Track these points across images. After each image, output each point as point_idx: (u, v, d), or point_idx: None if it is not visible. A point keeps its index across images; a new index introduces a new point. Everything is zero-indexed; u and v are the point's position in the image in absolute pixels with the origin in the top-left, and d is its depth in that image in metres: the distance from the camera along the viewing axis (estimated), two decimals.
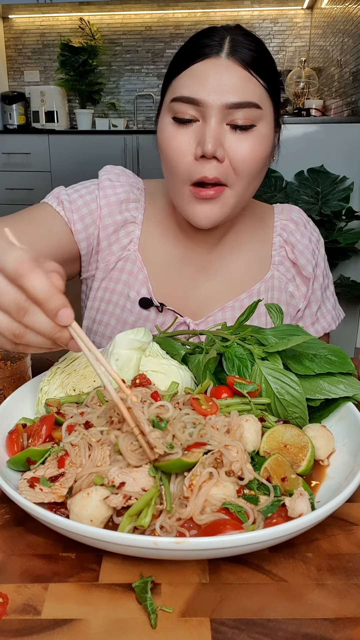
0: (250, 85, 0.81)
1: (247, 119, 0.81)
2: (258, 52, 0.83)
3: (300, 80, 4.08)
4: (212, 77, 0.80)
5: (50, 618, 0.47)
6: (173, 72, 0.85)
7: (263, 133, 0.84)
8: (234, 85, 0.80)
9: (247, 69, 0.81)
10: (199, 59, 0.81)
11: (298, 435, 0.64)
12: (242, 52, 0.81)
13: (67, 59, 4.76)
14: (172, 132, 0.83)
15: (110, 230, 0.97)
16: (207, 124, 0.81)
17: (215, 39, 0.81)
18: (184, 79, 0.82)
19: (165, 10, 4.78)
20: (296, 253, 1.03)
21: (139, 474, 0.55)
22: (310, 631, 0.46)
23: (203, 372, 0.73)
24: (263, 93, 0.83)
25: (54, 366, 0.76)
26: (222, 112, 0.80)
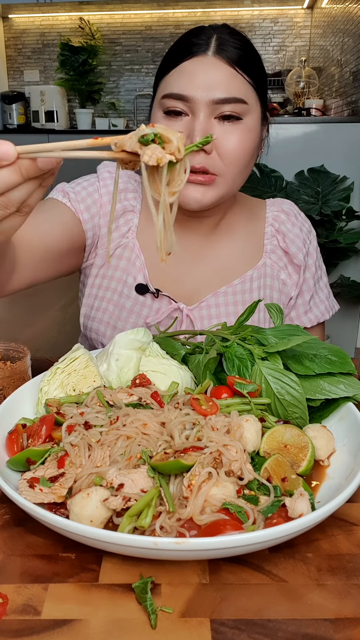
0: (236, 81, 0.86)
1: (234, 112, 0.86)
2: (244, 50, 0.87)
3: (300, 80, 4.08)
4: (200, 75, 0.85)
5: (50, 618, 0.47)
6: (163, 70, 0.90)
7: (250, 126, 0.88)
8: (220, 81, 0.84)
9: (232, 66, 0.85)
10: (187, 57, 0.86)
11: (298, 435, 0.64)
12: (228, 50, 0.85)
13: (67, 58, 4.76)
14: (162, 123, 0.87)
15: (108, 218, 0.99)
16: (195, 117, 0.85)
17: (202, 38, 0.86)
18: (174, 76, 0.87)
19: (165, 10, 4.77)
20: (287, 242, 1.06)
21: (137, 475, 0.55)
22: (310, 631, 0.46)
23: (203, 372, 0.73)
24: (249, 89, 0.87)
25: (54, 366, 0.76)
26: (210, 107, 0.85)
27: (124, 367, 0.76)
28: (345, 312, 2.78)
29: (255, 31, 4.76)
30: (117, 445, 0.60)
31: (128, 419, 0.63)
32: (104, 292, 1.04)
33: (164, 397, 0.69)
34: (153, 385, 0.73)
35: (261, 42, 4.78)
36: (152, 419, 0.63)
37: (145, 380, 0.73)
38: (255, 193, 2.69)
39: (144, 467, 0.57)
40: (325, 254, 2.66)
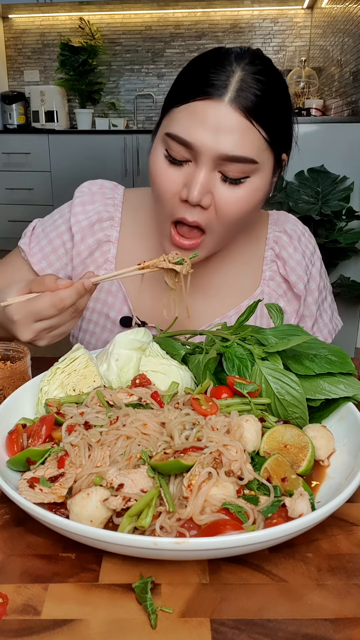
0: (249, 136, 0.77)
1: (241, 172, 0.79)
2: (265, 94, 0.77)
3: (300, 80, 4.08)
4: (210, 121, 0.76)
5: (50, 618, 0.47)
6: (174, 98, 0.81)
7: (256, 185, 0.81)
8: (231, 135, 0.76)
9: (248, 118, 0.76)
10: (200, 98, 0.77)
11: (298, 435, 0.64)
12: (246, 97, 0.76)
13: (67, 58, 4.76)
14: (163, 168, 0.82)
15: (84, 255, 0.99)
16: (197, 169, 0.78)
17: (222, 77, 0.76)
18: (182, 114, 0.78)
19: (165, 10, 4.78)
20: (287, 269, 0.99)
21: (137, 475, 0.55)
22: (310, 631, 0.46)
23: (203, 372, 0.73)
24: (262, 144, 0.79)
25: (54, 366, 0.76)
26: (215, 161, 0.78)
27: (124, 367, 0.76)
28: (345, 312, 2.78)
29: (255, 31, 4.77)
30: (117, 445, 0.60)
31: (128, 419, 0.63)
32: (87, 324, 1.02)
33: (164, 397, 0.69)
34: (153, 385, 0.73)
35: (261, 42, 4.79)
36: (152, 419, 0.63)
37: (145, 380, 0.73)
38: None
39: (143, 467, 0.57)
40: (325, 254, 2.66)
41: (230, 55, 0.80)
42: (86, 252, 0.98)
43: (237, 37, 4.80)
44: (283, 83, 0.83)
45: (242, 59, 0.79)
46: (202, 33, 4.83)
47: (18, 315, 0.76)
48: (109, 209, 1.00)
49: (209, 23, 4.81)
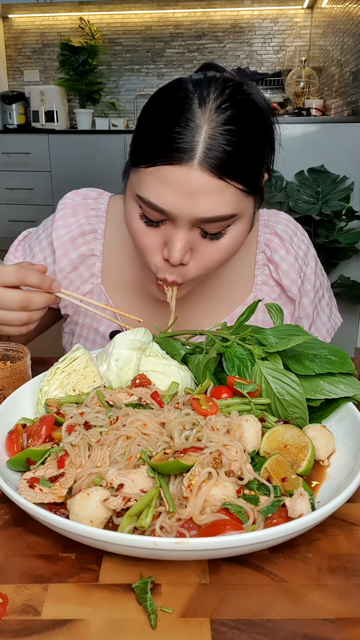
0: (225, 195, 0.73)
1: (220, 227, 0.76)
2: (238, 148, 0.72)
3: (300, 80, 4.08)
4: (182, 186, 0.71)
5: (50, 618, 0.47)
6: (139, 156, 0.76)
7: (237, 232, 0.79)
8: (205, 197, 0.72)
9: (221, 177, 0.71)
10: (167, 162, 0.71)
11: (298, 435, 0.64)
12: (216, 157, 0.70)
13: (67, 58, 4.76)
14: (141, 229, 0.79)
15: (68, 270, 0.98)
16: (175, 230, 0.76)
17: (188, 138, 0.70)
18: (150, 178, 0.74)
19: (165, 10, 4.77)
20: (280, 273, 0.97)
21: (137, 475, 0.55)
22: (310, 632, 0.46)
23: (203, 372, 0.73)
24: (240, 195, 0.75)
25: (53, 366, 0.76)
26: (192, 222, 0.75)
27: (124, 367, 0.76)
28: (346, 312, 2.78)
29: (255, 31, 4.76)
30: (117, 445, 0.60)
31: (128, 419, 0.63)
32: (77, 339, 1.02)
33: (164, 397, 0.69)
34: (153, 385, 0.73)
35: (261, 42, 4.78)
36: (152, 419, 0.63)
37: (145, 380, 0.73)
38: None
39: (143, 467, 0.57)
40: (325, 254, 2.68)
41: (193, 105, 0.72)
42: (69, 267, 0.97)
43: (237, 37, 4.80)
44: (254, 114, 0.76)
45: (207, 105, 0.72)
46: (202, 33, 4.83)
47: None
48: (91, 221, 0.98)
49: (209, 23, 4.80)
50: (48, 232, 0.99)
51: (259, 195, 0.82)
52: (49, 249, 0.99)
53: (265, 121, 0.80)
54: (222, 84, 0.75)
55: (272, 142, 0.85)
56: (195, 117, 0.71)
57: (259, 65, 4.83)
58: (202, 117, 0.71)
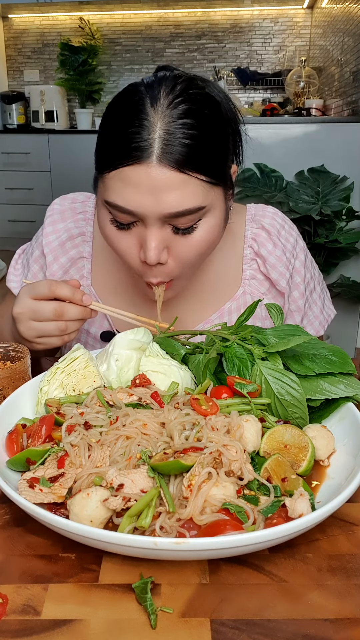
0: (189, 187, 0.73)
1: (191, 221, 0.76)
2: (197, 139, 0.72)
3: (300, 80, 4.08)
4: (144, 184, 0.72)
5: (50, 618, 0.47)
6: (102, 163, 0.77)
7: (210, 224, 0.79)
8: (169, 192, 0.72)
9: (182, 171, 0.71)
10: (127, 163, 0.72)
11: (298, 435, 0.64)
12: (174, 151, 0.71)
13: (67, 58, 4.76)
14: (114, 234, 0.80)
15: (59, 275, 0.99)
16: (147, 230, 0.76)
17: (144, 136, 0.71)
18: (114, 181, 0.74)
19: (165, 10, 4.77)
20: (268, 267, 0.97)
21: (137, 475, 0.55)
22: (310, 632, 0.46)
23: (203, 372, 0.73)
24: (205, 187, 0.75)
25: (53, 366, 0.76)
26: (161, 220, 0.75)
27: (124, 367, 0.76)
28: (345, 312, 2.78)
29: (255, 31, 4.76)
30: (117, 445, 0.60)
31: (128, 419, 0.63)
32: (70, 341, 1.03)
33: (164, 397, 0.69)
34: (153, 385, 0.73)
35: (261, 41, 4.78)
36: (152, 419, 0.63)
37: (145, 380, 0.73)
38: (255, 193, 2.70)
39: (143, 468, 0.57)
40: (325, 254, 2.68)
41: (145, 105, 0.73)
42: (60, 272, 0.99)
43: (237, 37, 4.80)
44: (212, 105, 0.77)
45: (158, 101, 0.73)
46: (202, 33, 4.83)
47: (20, 309, 0.80)
48: (79, 225, 1.00)
49: (209, 23, 4.80)
50: (39, 242, 1.01)
51: (228, 186, 0.81)
52: (42, 258, 1.00)
53: (225, 113, 0.81)
54: (172, 81, 0.76)
55: (237, 133, 0.85)
56: (148, 116, 0.72)
57: (259, 65, 4.83)
58: (155, 115, 0.72)
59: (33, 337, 0.81)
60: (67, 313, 0.78)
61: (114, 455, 0.59)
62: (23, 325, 0.80)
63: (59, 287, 0.78)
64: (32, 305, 0.79)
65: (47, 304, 0.78)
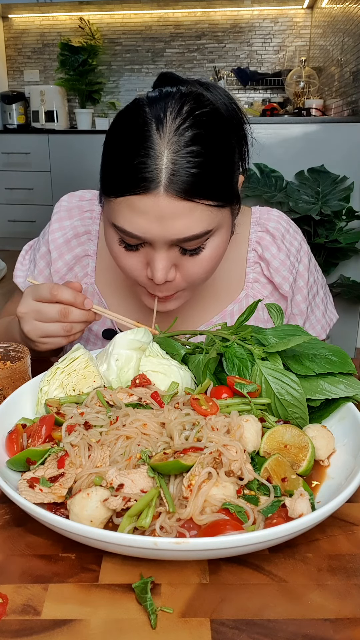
0: (195, 214, 0.73)
1: (198, 243, 0.77)
2: (204, 167, 0.72)
3: (300, 80, 4.08)
4: (152, 213, 0.72)
5: (50, 618, 0.47)
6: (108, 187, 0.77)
7: (217, 243, 0.79)
8: (177, 221, 0.73)
9: (189, 199, 0.72)
10: (134, 192, 0.72)
11: (298, 435, 0.64)
12: (181, 180, 0.70)
13: (67, 58, 4.76)
14: (122, 254, 0.81)
15: (63, 272, 1.00)
16: (155, 252, 0.76)
17: (151, 166, 0.70)
18: (122, 207, 0.74)
19: (165, 10, 4.77)
20: (271, 271, 0.98)
21: (137, 475, 0.55)
22: (310, 632, 0.46)
23: (203, 372, 0.73)
24: (212, 211, 0.75)
25: (53, 366, 0.76)
26: (169, 243, 0.76)
27: (124, 367, 0.76)
28: (345, 312, 2.78)
29: (255, 31, 4.76)
30: (117, 445, 0.60)
31: (128, 419, 0.63)
32: None
33: (164, 397, 0.69)
34: (153, 385, 0.73)
35: (261, 42, 4.78)
36: (152, 419, 0.63)
37: (145, 380, 0.73)
38: (255, 193, 2.70)
39: (143, 467, 0.57)
40: (325, 254, 2.68)
41: (151, 131, 0.71)
42: (65, 269, 1.00)
43: (237, 37, 4.80)
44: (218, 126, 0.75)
45: (165, 128, 0.71)
46: (202, 33, 4.83)
47: (24, 309, 0.81)
48: (85, 223, 1.00)
49: (209, 23, 4.81)
50: (46, 239, 1.01)
51: (235, 203, 0.82)
52: (48, 254, 1.01)
53: (231, 126, 0.80)
54: (178, 102, 0.74)
55: (243, 139, 0.85)
56: (155, 145, 0.71)
57: (259, 65, 4.84)
58: (161, 143, 0.71)
59: (37, 337, 0.81)
60: (71, 315, 0.79)
61: (114, 455, 0.59)
62: (28, 325, 0.81)
63: (60, 291, 0.78)
64: (36, 306, 0.80)
65: (51, 306, 0.79)
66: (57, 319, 0.79)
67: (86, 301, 0.80)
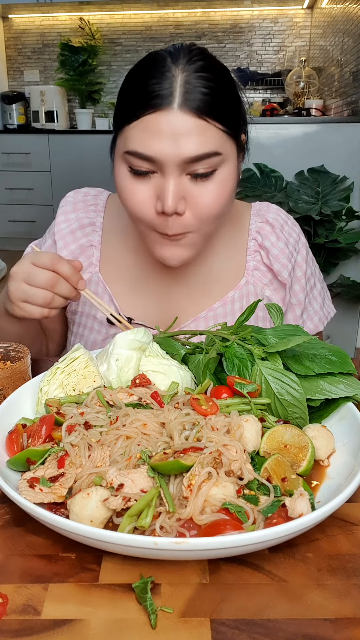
0: (207, 134, 0.77)
1: (208, 167, 0.79)
2: (214, 90, 0.77)
3: (300, 80, 4.08)
4: (165, 131, 0.75)
5: (50, 618, 0.47)
6: (123, 116, 0.81)
7: (224, 176, 0.81)
8: (189, 138, 0.76)
9: (201, 117, 0.76)
10: (149, 111, 0.76)
11: (298, 435, 0.64)
12: (194, 98, 0.75)
13: (67, 58, 4.76)
14: (130, 185, 0.82)
15: None
16: (165, 179, 0.78)
17: (165, 85, 0.76)
18: (136, 130, 0.78)
19: (165, 10, 4.78)
20: (271, 258, 1.00)
21: (137, 475, 0.55)
22: (310, 631, 0.46)
23: (203, 372, 0.73)
24: (221, 137, 0.79)
25: (53, 366, 0.76)
26: (180, 166, 0.78)
27: (124, 367, 0.76)
28: (345, 312, 2.78)
29: (255, 31, 4.76)
30: (117, 445, 0.60)
31: (128, 419, 0.63)
32: (76, 327, 1.04)
33: (164, 397, 0.69)
34: (153, 385, 0.73)
35: (261, 42, 4.79)
36: (152, 419, 0.63)
37: (145, 380, 0.73)
38: (255, 193, 2.70)
39: (143, 467, 0.57)
40: (325, 254, 2.68)
41: (166, 60, 0.78)
42: (70, 257, 1.01)
43: (237, 37, 4.80)
44: (224, 69, 0.83)
45: (179, 59, 0.78)
46: (202, 33, 4.83)
47: (17, 269, 0.81)
48: (90, 215, 1.03)
49: (209, 23, 4.81)
50: (51, 232, 1.04)
51: (240, 147, 0.86)
52: (53, 246, 1.03)
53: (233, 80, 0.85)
54: (189, 46, 0.83)
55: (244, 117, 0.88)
56: (170, 70, 0.77)
57: (259, 65, 4.84)
58: (176, 69, 0.77)
59: (17, 300, 0.81)
60: (58, 286, 0.80)
61: (114, 455, 0.59)
62: (13, 285, 0.81)
63: (60, 263, 0.80)
64: (30, 268, 0.80)
65: (43, 271, 0.79)
66: (44, 286, 0.79)
67: (80, 281, 0.82)
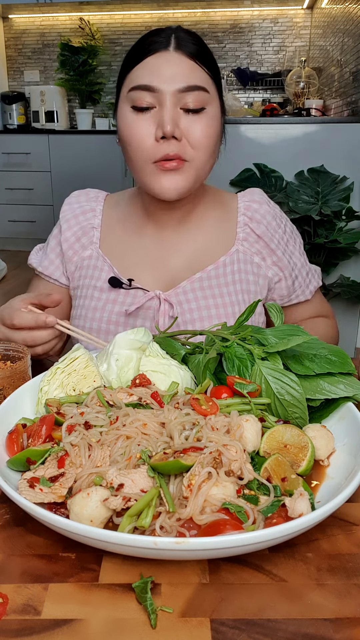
0: (197, 72, 0.93)
1: (198, 102, 0.93)
2: (200, 46, 0.95)
3: (300, 80, 4.08)
4: (164, 67, 0.92)
5: (50, 618, 0.47)
6: (127, 67, 0.96)
7: (212, 114, 0.96)
8: (183, 73, 0.92)
9: (193, 59, 0.93)
10: (150, 54, 0.93)
11: (298, 435, 0.64)
12: (187, 46, 0.93)
13: (67, 58, 4.76)
14: (132, 120, 0.94)
15: (72, 240, 1.11)
16: (163, 108, 0.91)
17: (162, 37, 0.93)
18: (139, 71, 0.93)
19: (165, 10, 4.77)
20: (262, 228, 1.09)
21: (137, 475, 0.55)
22: (310, 631, 0.46)
23: (203, 372, 0.73)
24: (208, 79, 0.95)
25: (54, 366, 0.76)
26: (176, 97, 0.91)
27: (124, 367, 0.76)
28: (345, 312, 2.78)
29: (255, 31, 4.76)
30: (117, 445, 0.60)
31: (128, 419, 0.63)
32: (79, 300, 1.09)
33: (164, 397, 0.69)
34: (153, 385, 0.73)
35: (261, 42, 4.78)
36: (152, 419, 0.63)
37: (145, 380, 0.73)
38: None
39: (143, 467, 0.57)
40: (325, 254, 2.68)
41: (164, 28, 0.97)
42: (73, 238, 1.11)
43: (237, 37, 4.80)
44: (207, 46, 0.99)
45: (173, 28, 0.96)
46: (202, 33, 4.83)
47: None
48: (91, 204, 1.14)
49: (209, 23, 4.81)
50: (58, 223, 1.13)
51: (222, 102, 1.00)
52: (59, 235, 1.12)
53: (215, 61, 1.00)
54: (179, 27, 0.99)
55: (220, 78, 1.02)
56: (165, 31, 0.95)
57: (259, 65, 4.84)
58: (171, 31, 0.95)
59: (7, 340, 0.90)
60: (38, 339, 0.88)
61: (114, 455, 0.59)
62: None
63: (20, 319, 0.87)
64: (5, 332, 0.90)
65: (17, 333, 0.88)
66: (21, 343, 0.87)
67: (48, 319, 0.87)
